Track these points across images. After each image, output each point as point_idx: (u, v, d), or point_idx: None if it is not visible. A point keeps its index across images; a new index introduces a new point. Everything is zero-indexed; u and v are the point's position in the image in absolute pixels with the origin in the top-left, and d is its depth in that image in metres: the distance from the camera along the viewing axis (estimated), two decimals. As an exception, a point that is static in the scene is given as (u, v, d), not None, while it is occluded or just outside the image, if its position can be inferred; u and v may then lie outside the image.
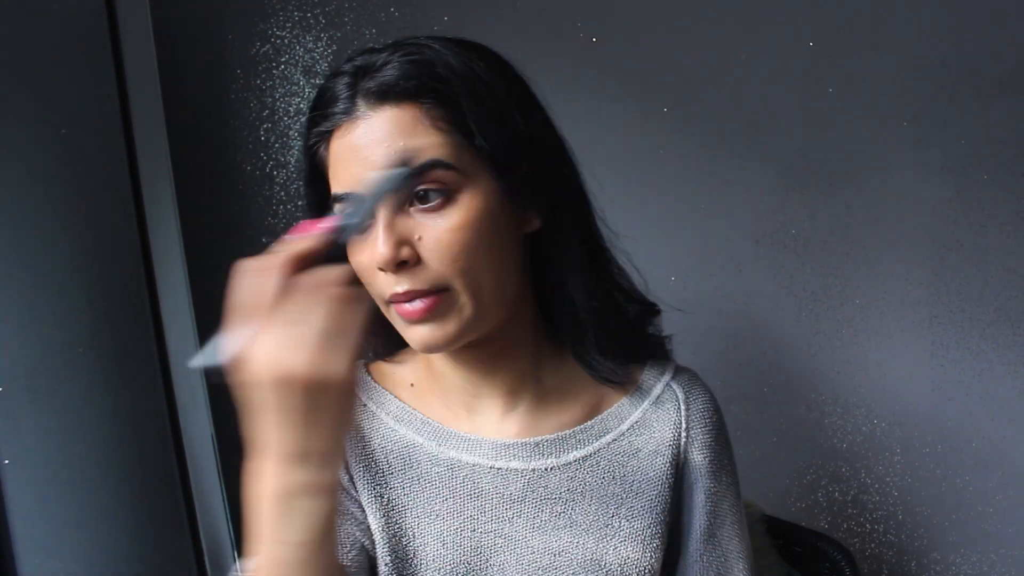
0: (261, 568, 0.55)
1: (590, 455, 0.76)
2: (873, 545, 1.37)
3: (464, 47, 0.70)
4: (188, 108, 1.35)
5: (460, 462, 0.76)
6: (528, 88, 0.73)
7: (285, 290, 0.52)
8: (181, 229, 1.25)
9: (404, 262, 0.65)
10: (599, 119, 1.35)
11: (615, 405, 0.79)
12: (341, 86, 0.69)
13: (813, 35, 1.31)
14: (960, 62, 1.27)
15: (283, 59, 1.38)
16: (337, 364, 0.51)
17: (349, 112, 0.68)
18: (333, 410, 0.53)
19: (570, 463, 0.76)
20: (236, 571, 0.67)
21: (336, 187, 0.69)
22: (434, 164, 0.66)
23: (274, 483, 0.54)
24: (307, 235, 0.55)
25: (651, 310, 0.82)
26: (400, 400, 0.80)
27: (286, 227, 1.39)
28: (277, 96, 1.38)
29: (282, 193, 1.39)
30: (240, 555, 1.27)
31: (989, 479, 1.31)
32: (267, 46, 1.38)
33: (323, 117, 0.69)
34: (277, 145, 1.39)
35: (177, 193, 1.25)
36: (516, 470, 0.75)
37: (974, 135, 1.28)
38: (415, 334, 0.68)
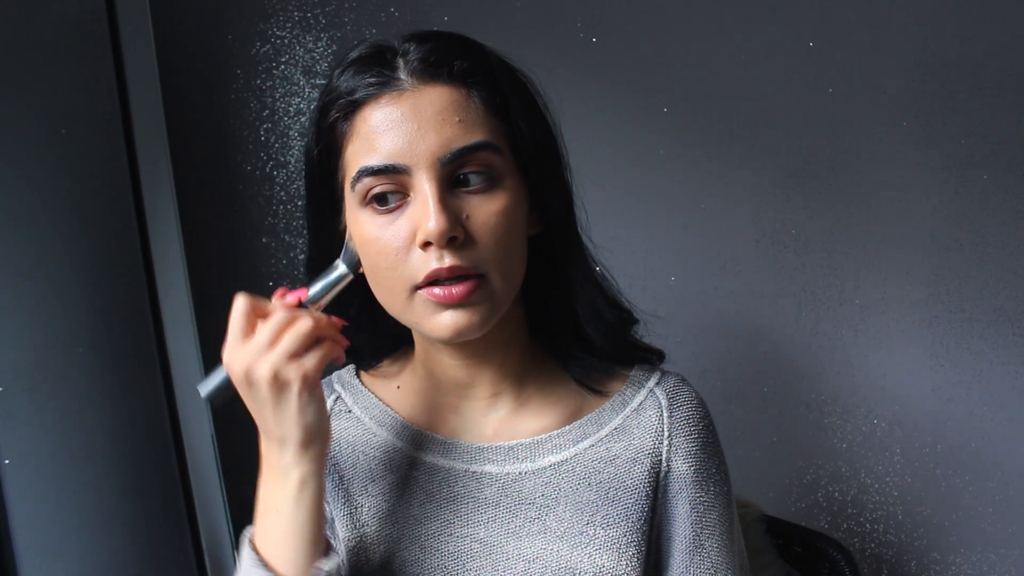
0: (259, 530, 0.69)
1: (565, 460, 0.74)
2: (873, 545, 1.37)
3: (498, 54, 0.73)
4: (188, 108, 1.35)
5: (436, 466, 0.76)
6: (544, 103, 0.75)
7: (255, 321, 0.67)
8: (181, 229, 1.25)
9: (454, 238, 0.65)
10: (599, 119, 1.36)
11: (595, 411, 0.77)
12: (379, 58, 0.68)
13: (813, 35, 1.31)
14: (960, 62, 1.27)
15: (283, 59, 1.38)
16: (292, 372, 0.65)
17: (391, 84, 0.66)
18: (294, 405, 0.65)
19: (544, 468, 0.74)
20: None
21: (371, 159, 0.66)
22: (485, 145, 0.67)
23: (267, 460, 0.69)
24: (283, 301, 0.69)
25: (629, 318, 0.79)
26: (384, 404, 0.80)
27: (286, 227, 1.40)
28: (277, 96, 1.38)
29: (282, 193, 1.39)
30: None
31: (989, 479, 1.31)
32: (267, 46, 1.38)
33: (355, 88, 0.67)
34: (277, 145, 1.39)
35: (177, 193, 1.25)
36: (491, 474, 0.75)
37: (974, 135, 1.28)
38: (445, 319, 0.67)
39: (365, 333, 0.81)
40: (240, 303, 0.67)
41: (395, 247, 0.66)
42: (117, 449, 1.15)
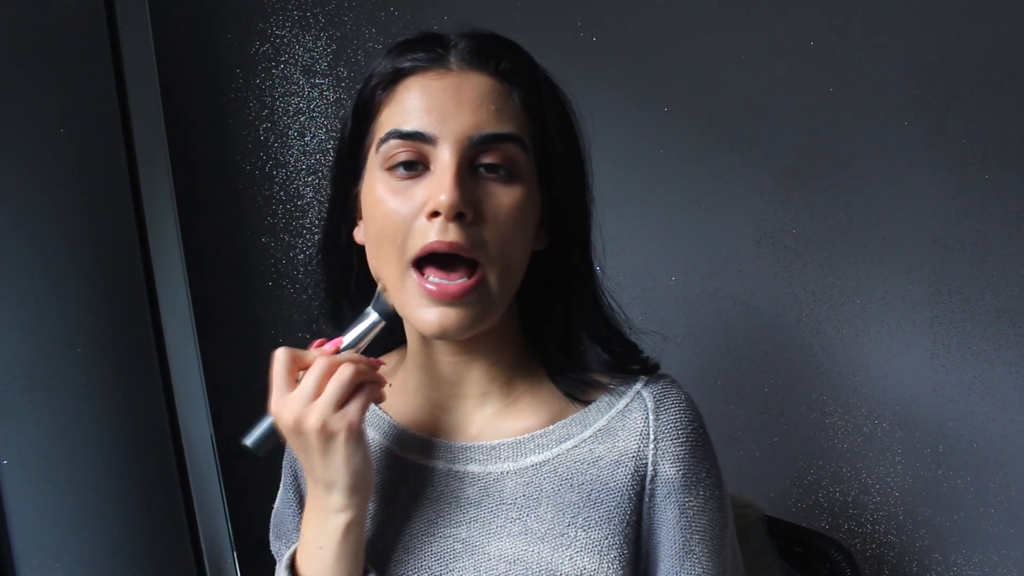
0: (301, 560, 0.72)
1: (547, 461, 0.73)
2: (874, 546, 1.36)
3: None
4: (187, 107, 1.35)
5: (420, 465, 0.76)
6: (579, 127, 0.76)
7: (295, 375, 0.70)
8: (180, 229, 1.24)
9: (462, 215, 0.65)
10: (599, 119, 1.35)
11: (581, 411, 0.76)
12: (432, 41, 0.71)
13: (813, 35, 1.31)
14: (960, 62, 1.27)
15: (282, 58, 1.38)
16: (339, 423, 0.66)
17: (439, 62, 0.69)
18: (341, 452, 0.67)
19: (526, 468, 0.73)
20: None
21: (403, 123, 0.68)
22: (515, 138, 0.68)
23: (313, 499, 0.71)
24: (321, 350, 0.71)
25: (632, 350, 0.78)
26: (375, 403, 0.79)
27: (285, 226, 1.39)
28: (276, 95, 1.38)
29: (281, 193, 1.39)
30: (238, 555, 1.26)
31: (990, 480, 1.31)
32: (266, 45, 1.38)
33: (402, 60, 0.70)
34: (276, 144, 1.39)
35: (176, 193, 1.25)
36: (473, 473, 0.74)
37: (974, 135, 1.28)
38: (433, 315, 0.67)
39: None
40: (280, 356, 0.69)
41: (403, 214, 0.67)
42: (116, 449, 1.15)
